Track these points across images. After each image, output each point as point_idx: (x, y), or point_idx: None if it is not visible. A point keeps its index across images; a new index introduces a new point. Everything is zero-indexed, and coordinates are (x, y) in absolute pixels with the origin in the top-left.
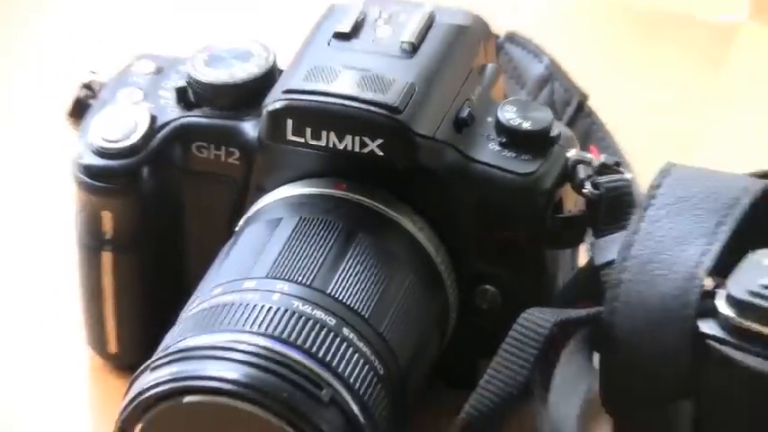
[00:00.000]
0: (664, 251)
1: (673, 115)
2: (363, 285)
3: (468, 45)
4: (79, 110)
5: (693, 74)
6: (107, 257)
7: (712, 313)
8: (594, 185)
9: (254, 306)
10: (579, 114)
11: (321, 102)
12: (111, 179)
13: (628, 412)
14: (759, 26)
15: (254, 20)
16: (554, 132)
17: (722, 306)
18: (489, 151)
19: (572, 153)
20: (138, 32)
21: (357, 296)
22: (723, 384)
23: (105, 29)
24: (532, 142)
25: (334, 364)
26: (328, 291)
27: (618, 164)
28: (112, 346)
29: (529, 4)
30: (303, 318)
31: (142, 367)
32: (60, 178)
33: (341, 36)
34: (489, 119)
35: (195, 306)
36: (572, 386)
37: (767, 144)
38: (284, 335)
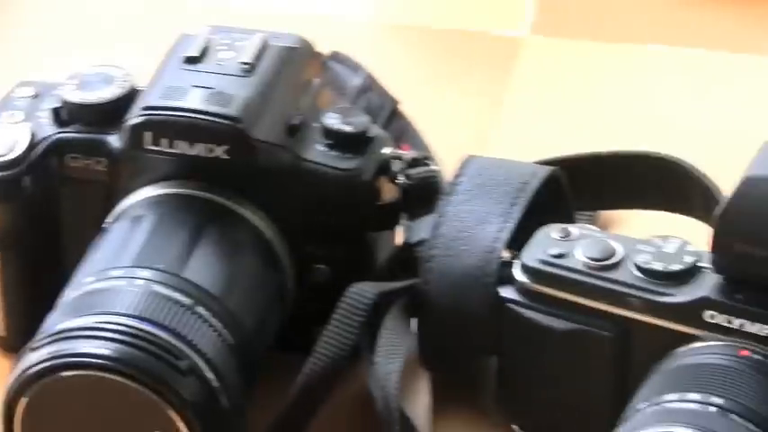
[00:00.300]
0: (467, 229)
1: (470, 116)
2: (213, 269)
3: (297, 63)
4: None
5: (486, 81)
6: None
7: (510, 280)
8: (407, 177)
9: (121, 291)
10: (392, 118)
11: (174, 116)
12: None
13: (442, 368)
14: (540, 39)
15: None
16: (371, 134)
17: (518, 274)
18: (317, 152)
19: (387, 150)
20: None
21: (208, 279)
22: (521, 341)
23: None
24: (353, 143)
25: (190, 337)
26: (183, 275)
27: (426, 158)
28: (1, 330)
29: (348, 29)
30: (163, 299)
31: (23, 349)
32: None
33: (190, 60)
34: (316, 124)
35: (70, 293)
36: (394, 347)
37: (549, 138)
38: (147, 314)
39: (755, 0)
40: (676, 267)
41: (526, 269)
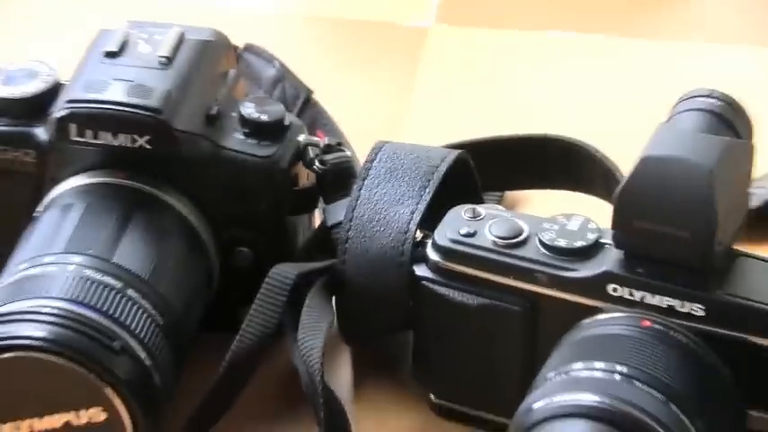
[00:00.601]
0: (381, 212)
1: (381, 103)
2: (142, 254)
3: (213, 55)
4: None
5: (395, 69)
6: None
7: (423, 259)
8: (322, 162)
9: (53, 276)
10: (306, 106)
11: (96, 108)
12: None
13: (361, 343)
14: (444, 28)
15: None
16: (286, 122)
17: (431, 253)
18: (235, 140)
19: (302, 138)
20: None
21: (137, 263)
22: (435, 316)
23: None
24: (270, 131)
25: (122, 319)
26: (113, 260)
27: (339, 144)
28: None
29: (262, 22)
30: (95, 283)
31: None
32: None
33: (110, 54)
34: (234, 114)
35: (5, 279)
36: (316, 324)
37: (456, 121)
38: (80, 298)
39: None
40: (580, 244)
41: (438, 248)
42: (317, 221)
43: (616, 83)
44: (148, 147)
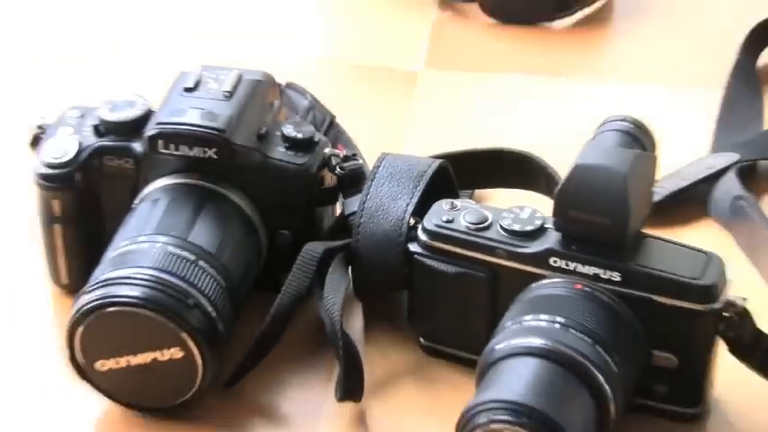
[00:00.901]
0: (384, 204)
1: (383, 126)
2: (210, 235)
3: (263, 90)
4: (36, 141)
5: (395, 101)
6: (57, 228)
7: (415, 239)
8: (341, 168)
9: (145, 251)
10: (330, 127)
11: (178, 128)
12: (56, 181)
13: (370, 299)
14: (431, 72)
15: None
16: (316, 139)
17: (421, 234)
18: (279, 152)
19: (327, 150)
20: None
21: (206, 241)
22: (423, 280)
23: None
24: (304, 145)
25: (195, 282)
26: (189, 239)
27: (354, 155)
28: (64, 280)
29: (294, 66)
30: (175, 256)
31: (80, 292)
32: (27, 181)
33: (188, 89)
34: (277, 133)
35: (110, 253)
36: (337, 286)
37: (440, 141)
38: (164, 267)
39: (585, 37)
40: (529, 228)
41: (426, 231)
42: (338, 211)
43: (556, 112)
44: (215, 156)
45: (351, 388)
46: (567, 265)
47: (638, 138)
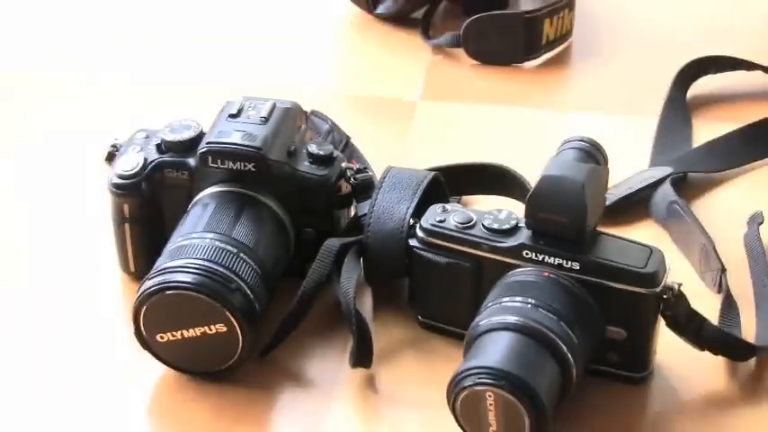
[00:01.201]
0: (389, 208)
1: (387, 146)
2: (249, 232)
3: (293, 117)
4: (110, 157)
5: (396, 127)
6: (127, 227)
7: (414, 235)
8: (355, 179)
9: (197, 245)
10: (346, 146)
11: (224, 147)
12: (126, 189)
13: (378, 285)
14: (427, 103)
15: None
16: (334, 155)
17: (419, 232)
18: (305, 165)
19: (343, 164)
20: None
21: (246, 237)
22: (421, 269)
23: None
24: (324, 160)
25: (237, 270)
26: (232, 235)
27: (365, 168)
28: (132, 268)
29: (318, 97)
30: (220, 249)
31: (144, 278)
32: (102, 189)
33: (232, 116)
34: (304, 150)
35: (169, 246)
36: (351, 273)
37: (435, 157)
38: (211, 258)
39: (549, 75)
40: (506, 226)
41: (423, 229)
42: (352, 213)
43: (526, 134)
44: (253, 169)
45: (362, 357)
46: (536, 256)
47: (592, 154)
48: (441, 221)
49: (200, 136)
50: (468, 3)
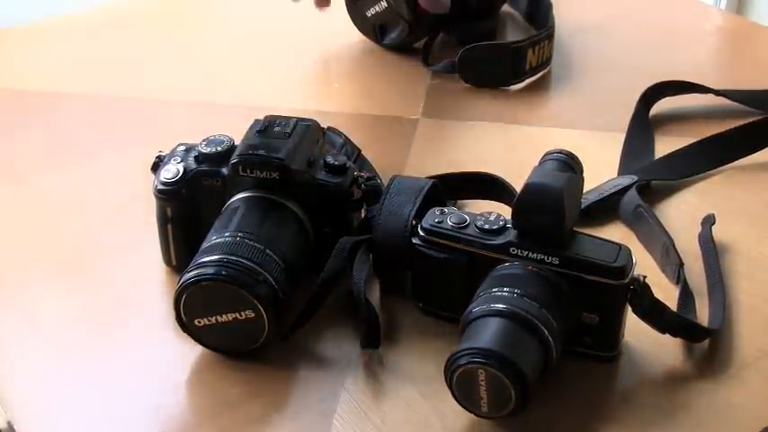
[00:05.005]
0: (395, 210)
1: (392, 158)
2: (274, 231)
3: (312, 132)
4: (155, 167)
5: (400, 142)
6: (170, 227)
7: (416, 234)
8: (365, 186)
9: (229, 242)
10: (357, 157)
11: (253, 158)
12: (169, 194)
13: (385, 277)
14: (427, 120)
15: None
16: (347, 165)
17: (420, 231)
18: (322, 174)
19: (355, 173)
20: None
21: (272, 236)
22: (422, 263)
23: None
24: (339, 170)
25: (263, 264)
26: (260, 234)
27: (374, 177)
28: (173, 262)
29: (333, 115)
30: (249, 246)
31: (184, 271)
32: (149, 194)
33: (259, 132)
34: (321, 161)
35: (205, 244)
36: (362, 267)
37: (435, 167)
38: (242, 254)
39: (532, 96)
40: (495, 227)
41: (423, 229)
42: (363, 215)
43: (513, 147)
44: (278, 178)
45: (371, 339)
46: (521, 253)
47: (569, 164)
48: (439, 222)
49: (232, 149)
50: (462, 35)
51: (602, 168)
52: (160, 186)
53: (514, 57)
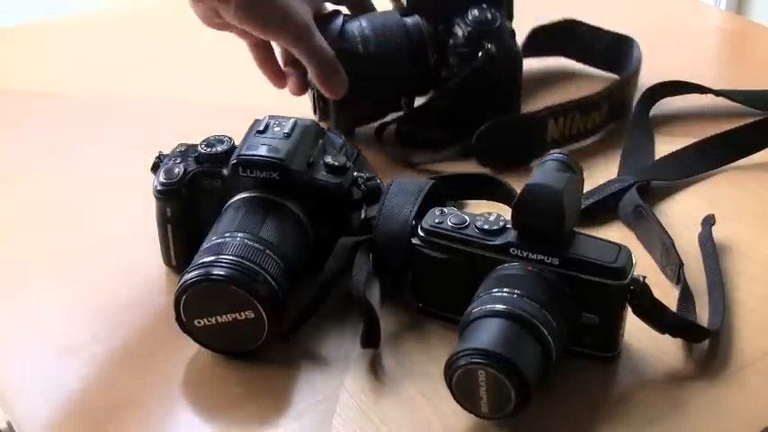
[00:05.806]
0: (395, 210)
1: (395, 163)
2: (274, 232)
3: (311, 132)
4: (155, 167)
5: None
6: (170, 228)
7: (416, 235)
8: (365, 186)
9: (229, 243)
10: (357, 158)
11: (253, 158)
12: (168, 194)
13: (385, 277)
14: None
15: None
16: (347, 165)
17: (420, 231)
18: (322, 174)
19: (355, 173)
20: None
21: (271, 236)
22: (422, 264)
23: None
24: (339, 170)
25: (263, 264)
26: (259, 235)
27: (373, 177)
28: (173, 262)
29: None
30: (249, 247)
31: (184, 271)
32: (149, 194)
33: (259, 132)
34: (321, 161)
35: (205, 244)
36: (362, 267)
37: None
38: (241, 254)
39: None
40: (495, 227)
41: (423, 229)
42: (363, 216)
43: None
44: (278, 178)
45: (370, 339)
46: (521, 253)
47: (570, 166)
48: (439, 223)
49: (232, 149)
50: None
51: (601, 169)
52: (160, 186)
53: None
